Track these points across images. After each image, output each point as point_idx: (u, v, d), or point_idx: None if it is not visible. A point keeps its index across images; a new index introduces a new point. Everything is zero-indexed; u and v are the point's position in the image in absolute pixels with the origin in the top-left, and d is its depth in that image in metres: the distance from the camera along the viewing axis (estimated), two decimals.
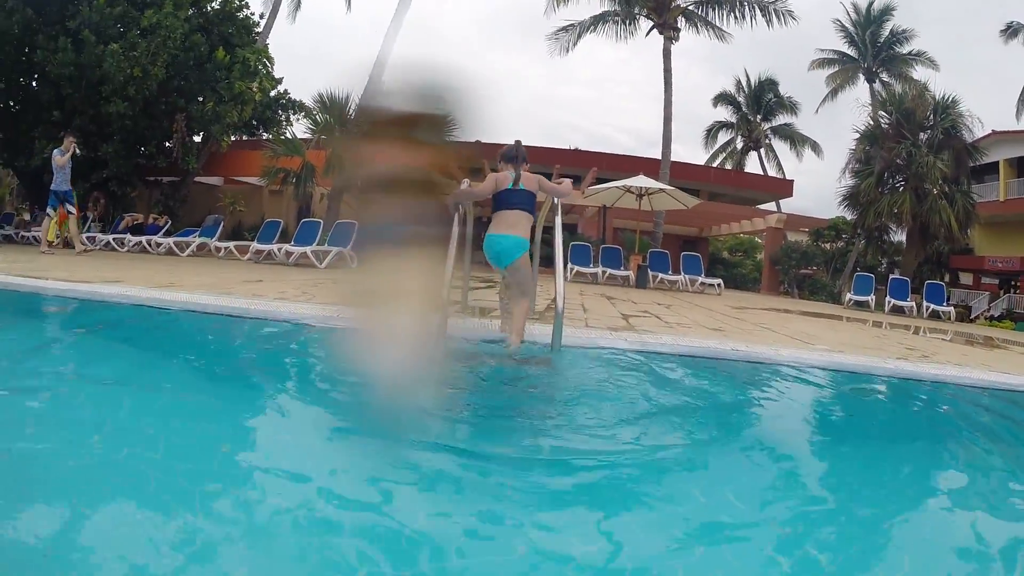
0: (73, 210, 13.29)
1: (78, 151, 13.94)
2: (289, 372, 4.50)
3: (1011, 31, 31.55)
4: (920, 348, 8.65)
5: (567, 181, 5.42)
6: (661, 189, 19.09)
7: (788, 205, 37.77)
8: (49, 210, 13.26)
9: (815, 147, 41.39)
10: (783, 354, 5.89)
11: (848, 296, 20.89)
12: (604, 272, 18.31)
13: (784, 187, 35.85)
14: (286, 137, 19.37)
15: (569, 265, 18.14)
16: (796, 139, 41.68)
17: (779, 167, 42.93)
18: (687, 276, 19.18)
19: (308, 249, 14.49)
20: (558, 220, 4.93)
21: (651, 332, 6.53)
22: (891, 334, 10.77)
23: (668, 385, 4.74)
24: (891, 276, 22.55)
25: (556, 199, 5.13)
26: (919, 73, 35.27)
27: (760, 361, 5.71)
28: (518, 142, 5.33)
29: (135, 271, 9.61)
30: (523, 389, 4.17)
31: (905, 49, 36.98)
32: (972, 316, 25.57)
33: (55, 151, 13.16)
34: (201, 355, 4.85)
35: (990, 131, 30.44)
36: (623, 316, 8.34)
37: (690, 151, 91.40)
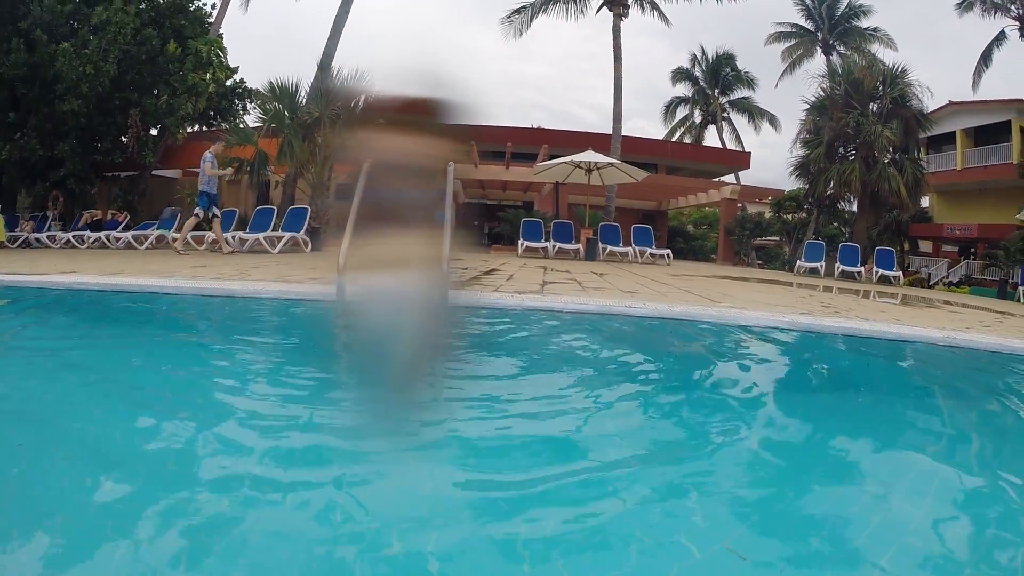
0: (218, 212, 14.03)
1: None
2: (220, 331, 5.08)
3: (965, 4, 31.85)
4: (836, 306, 9.13)
5: None
6: (610, 163, 19.56)
7: (751, 177, 38.43)
8: (198, 210, 13.70)
9: (772, 120, 42.02)
10: (676, 310, 6.38)
11: (798, 263, 21.49)
12: (555, 246, 18.69)
13: (741, 159, 36.46)
14: (238, 126, 19.61)
15: (520, 240, 18.63)
16: (754, 112, 42.23)
17: (738, 140, 43.51)
18: (637, 248, 19.62)
19: (261, 235, 14.81)
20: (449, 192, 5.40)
21: (555, 295, 7.01)
22: (818, 295, 11.26)
23: (543, 337, 5.30)
24: (841, 243, 23.14)
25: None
26: (878, 48, 35.87)
27: (652, 317, 6.20)
28: None
29: (89, 263, 9.98)
30: None
31: (864, 23, 37.56)
32: (932, 283, 26.19)
33: (208, 157, 13.93)
34: (129, 324, 5.62)
35: (947, 102, 31.19)
36: (543, 283, 8.81)
37: (655, 126, 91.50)
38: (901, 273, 21.69)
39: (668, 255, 20.06)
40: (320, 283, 7.02)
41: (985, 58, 31.97)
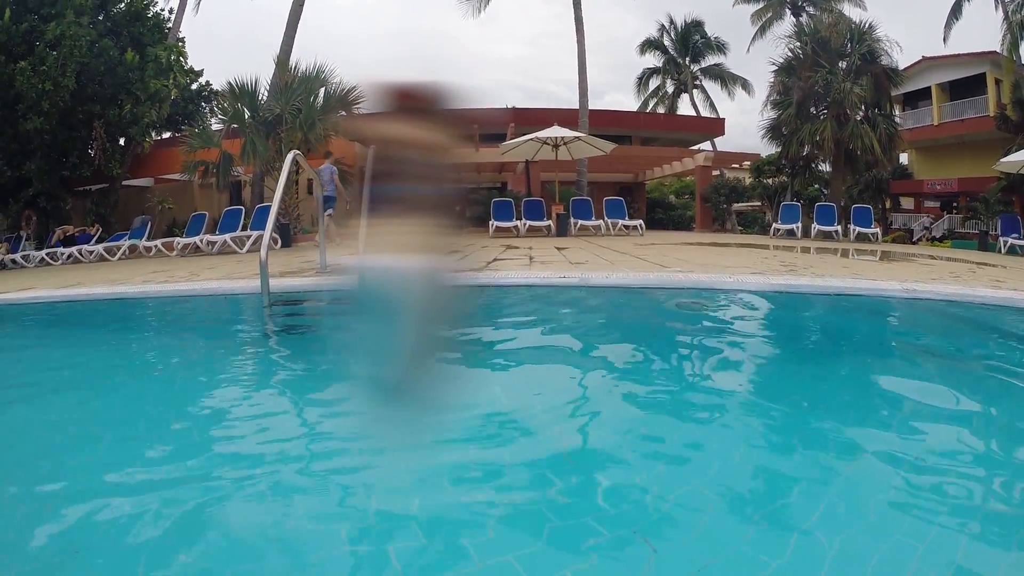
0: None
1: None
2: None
3: None
4: (794, 264, 9.14)
5: None
6: (576, 137, 19.45)
7: (732, 143, 38.41)
8: (329, 210, 14.25)
9: (746, 85, 41.77)
10: (612, 278, 6.42)
11: (775, 226, 21.41)
12: (525, 224, 18.54)
13: (715, 126, 36.43)
14: (200, 130, 19.49)
15: (491, 221, 18.39)
16: (726, 78, 42.02)
17: (712, 108, 43.30)
18: (609, 220, 19.52)
19: (228, 236, 14.80)
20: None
21: (494, 271, 7.05)
22: (783, 255, 11.19)
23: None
24: (817, 203, 23.06)
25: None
26: (847, 8, 35.50)
27: (584, 286, 6.25)
28: None
29: (51, 279, 10.03)
30: None
31: None
32: (915, 239, 26.14)
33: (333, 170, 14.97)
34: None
35: (920, 57, 31.08)
36: (492, 259, 8.84)
37: (631, 99, 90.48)
38: (879, 230, 21.57)
39: (640, 226, 19.91)
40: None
41: (955, 11, 31.74)
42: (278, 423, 3.03)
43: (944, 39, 32.04)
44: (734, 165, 32.42)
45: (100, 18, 19.50)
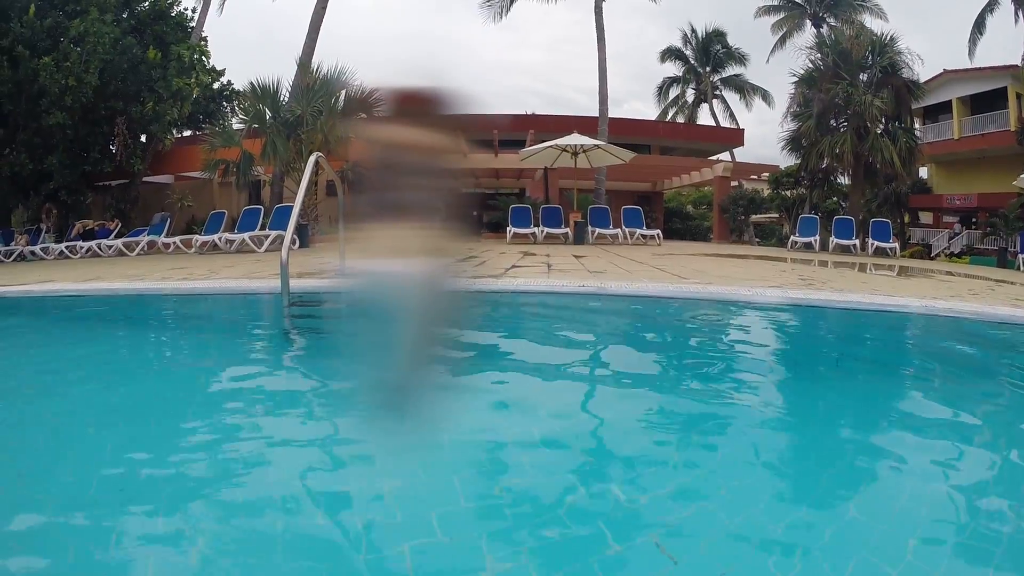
0: None
1: None
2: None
3: None
4: (812, 278, 9.07)
5: None
6: (595, 145, 19.43)
7: (750, 154, 38.19)
8: None
9: (765, 96, 41.59)
10: (629, 288, 6.39)
11: (792, 238, 21.27)
12: (543, 231, 18.56)
13: (734, 136, 36.22)
14: (221, 128, 19.64)
15: (509, 227, 18.41)
16: (746, 89, 41.86)
17: (732, 118, 43.12)
18: (627, 229, 19.40)
19: (247, 235, 14.87)
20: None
21: (512, 279, 7.04)
22: (802, 268, 11.13)
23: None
24: (836, 216, 22.88)
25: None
26: (868, 19, 35.17)
27: (600, 295, 6.22)
28: None
29: (70, 272, 10.12)
30: None
31: None
32: (933, 254, 25.88)
33: None
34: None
35: (941, 71, 30.70)
36: (510, 267, 8.82)
37: (652, 109, 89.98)
38: (897, 245, 21.36)
39: (658, 235, 19.83)
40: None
41: (979, 25, 31.40)
42: (298, 425, 3.02)
43: (970, 54, 31.70)
44: (752, 176, 32.26)
45: (124, 16, 19.78)
